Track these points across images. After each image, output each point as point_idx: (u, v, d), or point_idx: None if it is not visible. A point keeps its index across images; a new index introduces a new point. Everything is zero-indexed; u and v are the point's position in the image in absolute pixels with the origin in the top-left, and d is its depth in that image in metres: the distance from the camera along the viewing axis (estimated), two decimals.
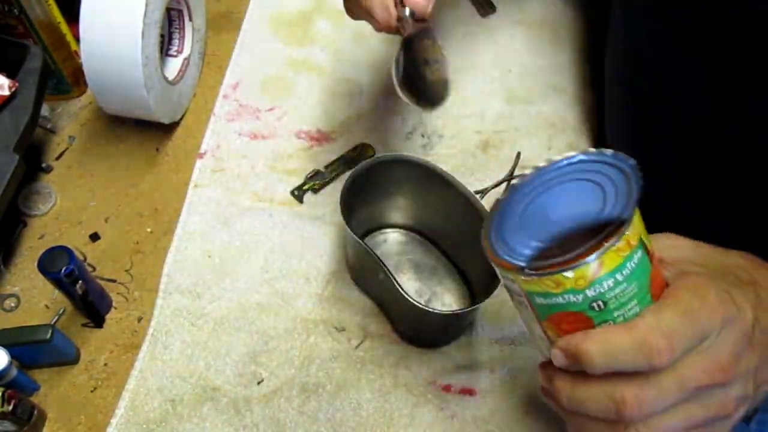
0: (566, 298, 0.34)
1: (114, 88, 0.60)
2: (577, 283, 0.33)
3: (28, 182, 0.64)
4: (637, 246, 0.33)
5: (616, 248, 0.33)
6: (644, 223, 0.35)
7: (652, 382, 0.33)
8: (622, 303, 0.34)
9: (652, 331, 0.33)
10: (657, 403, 0.34)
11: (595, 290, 0.33)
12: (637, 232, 0.33)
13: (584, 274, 0.33)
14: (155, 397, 0.53)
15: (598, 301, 0.34)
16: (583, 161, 0.32)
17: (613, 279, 0.33)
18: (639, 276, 0.34)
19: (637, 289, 0.34)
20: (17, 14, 0.61)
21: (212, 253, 0.61)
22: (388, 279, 0.50)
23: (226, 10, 0.79)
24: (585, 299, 0.34)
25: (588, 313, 0.34)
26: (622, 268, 0.33)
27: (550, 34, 0.77)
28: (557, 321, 0.35)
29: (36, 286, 0.59)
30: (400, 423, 0.53)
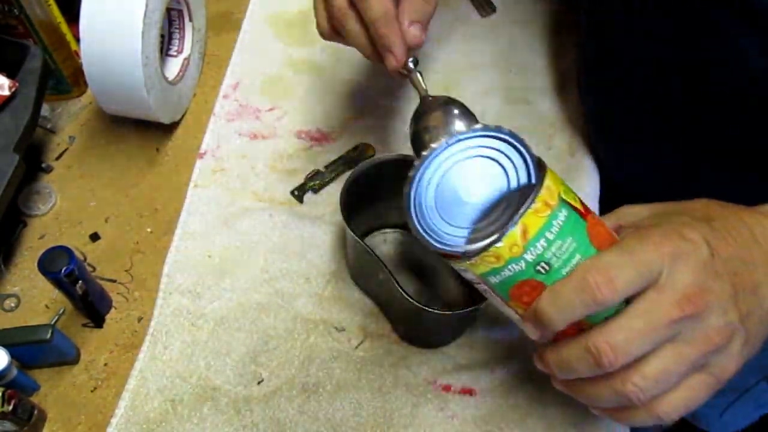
0: (512, 269, 0.36)
1: (114, 88, 0.60)
2: (512, 251, 0.36)
3: (28, 182, 0.64)
4: (558, 205, 0.36)
5: (533, 210, 0.35)
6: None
7: (619, 325, 0.35)
8: (565, 260, 0.36)
9: (589, 270, 0.35)
10: (632, 346, 0.35)
11: (532, 253, 0.35)
12: (553, 193, 0.36)
13: (514, 240, 0.35)
14: (155, 397, 0.53)
15: (541, 263, 0.36)
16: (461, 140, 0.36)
17: (544, 239, 0.35)
18: (571, 231, 0.36)
19: (576, 243, 0.36)
20: (17, 14, 0.61)
21: (212, 253, 0.61)
22: (388, 279, 0.50)
23: (226, 10, 0.79)
24: (528, 264, 0.36)
25: (538, 278, 0.36)
26: (549, 227, 0.35)
27: (551, 34, 0.77)
28: (518, 296, 0.38)
29: (36, 286, 0.59)
30: (400, 423, 0.53)
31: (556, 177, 0.38)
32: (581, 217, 0.37)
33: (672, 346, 0.35)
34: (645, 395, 0.35)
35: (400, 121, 0.70)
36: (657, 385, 0.35)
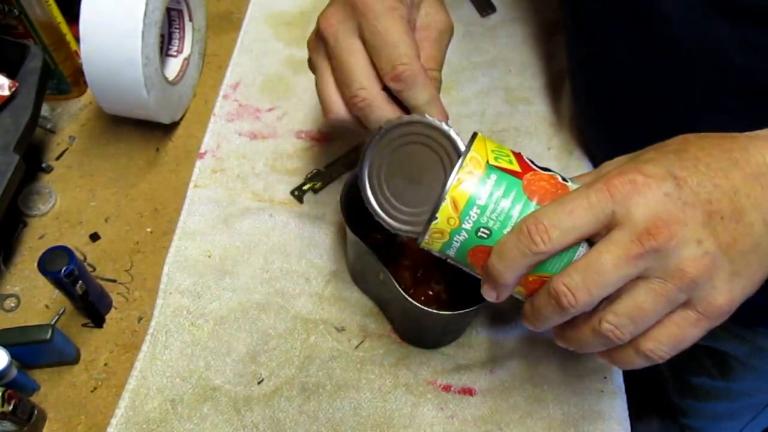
0: (458, 240, 0.39)
1: (114, 88, 0.60)
2: (450, 224, 0.38)
3: (28, 182, 0.64)
4: (485, 172, 0.38)
5: (457, 182, 0.37)
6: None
7: (575, 267, 0.35)
8: (503, 221, 0.37)
9: (525, 221, 0.36)
10: (591, 285, 0.35)
11: (468, 222, 0.38)
12: (479, 162, 0.38)
13: (448, 213, 0.38)
14: (155, 397, 0.53)
15: (480, 229, 0.38)
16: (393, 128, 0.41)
17: (476, 206, 0.37)
18: (505, 194, 0.37)
19: (511, 203, 0.37)
20: (17, 14, 0.61)
21: (212, 253, 0.61)
22: (389, 279, 0.50)
23: (226, 10, 0.79)
24: (469, 233, 0.38)
25: (484, 243, 0.38)
26: (478, 195, 0.37)
27: (550, 33, 0.77)
28: (476, 262, 0.40)
29: (36, 286, 0.59)
30: (400, 423, 0.53)
31: (487, 146, 0.39)
32: (515, 177, 0.38)
33: (644, 282, 0.35)
34: (623, 332, 0.35)
35: None
36: (633, 323, 0.35)
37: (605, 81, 0.59)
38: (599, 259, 0.34)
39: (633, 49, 0.53)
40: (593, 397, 0.54)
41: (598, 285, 0.35)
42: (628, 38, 0.53)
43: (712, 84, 0.49)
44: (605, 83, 0.59)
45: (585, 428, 0.53)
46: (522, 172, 0.38)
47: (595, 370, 0.55)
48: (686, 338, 0.36)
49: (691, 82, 0.50)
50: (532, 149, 0.68)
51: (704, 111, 0.51)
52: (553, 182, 0.38)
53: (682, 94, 0.51)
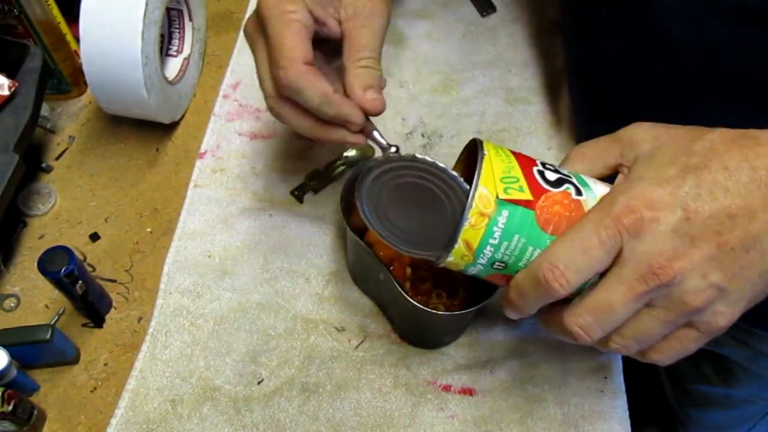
0: (473, 270, 0.39)
1: (114, 88, 0.60)
2: (464, 260, 0.38)
3: (28, 182, 0.64)
4: (495, 210, 0.37)
5: (469, 225, 0.37)
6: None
7: (584, 306, 0.36)
8: (519, 255, 0.37)
9: (540, 265, 0.36)
10: (602, 324, 0.36)
11: (484, 258, 0.38)
12: (489, 201, 0.37)
13: (461, 252, 0.38)
14: (155, 397, 0.53)
15: (495, 263, 0.38)
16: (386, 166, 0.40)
17: (489, 245, 0.37)
18: (517, 229, 0.37)
19: (525, 238, 0.37)
20: (17, 14, 0.61)
21: (212, 253, 0.61)
22: (389, 279, 0.50)
23: (226, 10, 0.78)
24: (485, 266, 0.39)
25: (501, 272, 0.39)
26: (491, 234, 0.37)
27: (550, 33, 0.77)
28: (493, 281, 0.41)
29: (36, 286, 0.59)
30: (400, 423, 0.53)
31: (494, 172, 0.37)
32: (528, 207, 0.37)
33: (648, 309, 0.36)
34: (629, 350, 0.38)
35: (400, 121, 0.70)
36: (638, 343, 0.37)
37: (603, 82, 0.59)
38: (609, 298, 0.36)
39: (631, 51, 0.53)
40: (593, 397, 0.54)
41: (609, 322, 0.36)
42: (625, 40, 0.53)
43: (711, 86, 0.49)
44: (603, 84, 0.59)
45: (585, 428, 0.53)
46: (534, 200, 0.37)
47: (595, 370, 0.55)
48: (687, 351, 0.38)
49: (689, 83, 0.50)
50: (533, 149, 0.68)
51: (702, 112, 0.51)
52: (566, 204, 0.37)
53: (680, 95, 0.51)
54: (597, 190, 0.39)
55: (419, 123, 0.69)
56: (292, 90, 0.44)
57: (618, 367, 0.56)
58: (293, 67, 0.43)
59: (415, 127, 0.69)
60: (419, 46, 0.75)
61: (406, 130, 0.69)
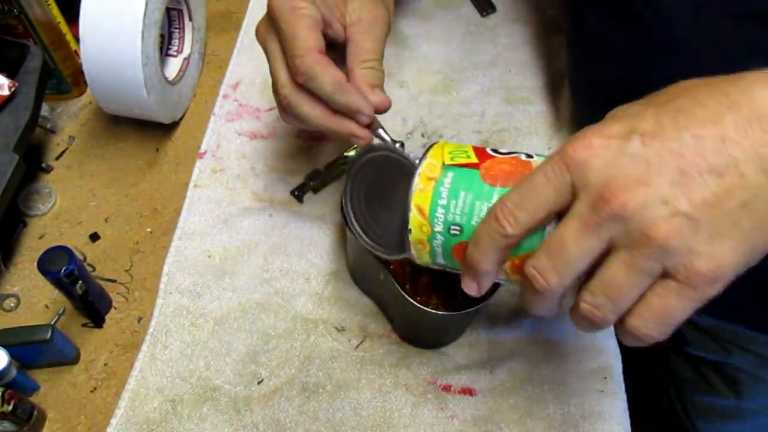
0: (437, 244, 0.40)
1: (114, 88, 0.60)
2: (423, 230, 0.39)
3: (28, 182, 0.64)
4: (441, 174, 0.38)
5: (418, 190, 0.39)
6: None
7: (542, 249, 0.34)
8: (469, 213, 0.38)
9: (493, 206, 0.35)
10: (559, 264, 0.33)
11: (438, 224, 0.39)
12: (435, 166, 0.39)
13: (417, 221, 0.39)
14: (155, 397, 0.53)
15: (452, 227, 0.38)
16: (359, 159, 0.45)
17: (439, 207, 0.38)
18: (462, 186, 0.38)
19: (473, 194, 0.37)
20: (17, 14, 0.61)
21: (212, 253, 0.61)
22: (389, 279, 0.50)
23: (226, 10, 0.78)
24: (443, 234, 0.39)
25: (460, 239, 0.39)
26: (438, 195, 0.38)
27: (550, 33, 0.77)
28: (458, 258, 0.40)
29: (36, 286, 0.59)
30: (400, 423, 0.53)
31: (444, 149, 0.40)
32: (472, 168, 0.38)
33: (613, 254, 0.32)
34: (603, 312, 0.33)
35: (400, 121, 0.70)
36: (610, 300, 0.33)
37: (604, 83, 0.59)
38: (561, 235, 0.33)
39: (633, 52, 0.53)
40: (593, 397, 0.54)
41: (565, 263, 0.33)
42: (628, 41, 0.53)
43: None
44: (604, 86, 0.59)
45: (585, 428, 0.53)
46: (479, 162, 0.38)
47: (595, 370, 0.55)
48: (671, 311, 0.32)
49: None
50: (533, 149, 0.68)
51: None
52: (514, 162, 0.38)
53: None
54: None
55: (419, 123, 0.69)
56: (308, 77, 0.45)
57: (618, 368, 0.56)
58: (309, 55, 0.45)
59: (415, 127, 0.69)
60: (419, 46, 0.75)
61: (406, 130, 0.69)
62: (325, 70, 0.45)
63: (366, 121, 0.48)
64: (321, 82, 0.45)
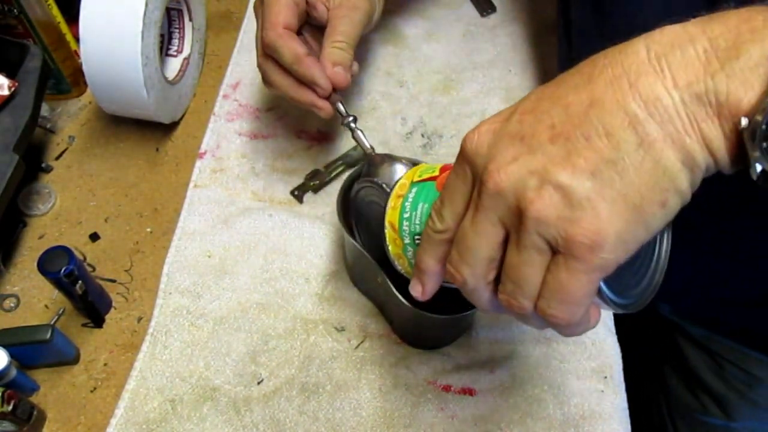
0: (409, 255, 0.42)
1: (114, 88, 0.60)
2: (397, 244, 0.42)
3: (28, 182, 0.64)
4: (408, 190, 0.41)
5: (390, 208, 0.42)
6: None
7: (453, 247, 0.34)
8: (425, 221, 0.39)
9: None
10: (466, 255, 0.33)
11: (406, 236, 0.41)
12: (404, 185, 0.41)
13: (391, 236, 0.42)
14: (155, 397, 0.53)
15: (415, 237, 0.40)
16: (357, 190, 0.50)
17: (405, 220, 0.41)
18: (421, 197, 0.40)
19: (428, 204, 0.39)
20: (17, 14, 0.61)
21: (212, 253, 0.60)
22: (387, 281, 0.50)
23: (226, 10, 0.79)
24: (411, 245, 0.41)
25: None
26: (404, 210, 0.41)
27: (550, 33, 0.77)
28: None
29: (36, 286, 0.59)
30: (400, 423, 0.53)
31: (419, 169, 0.42)
32: (432, 180, 0.40)
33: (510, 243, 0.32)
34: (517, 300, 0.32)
35: (400, 121, 0.70)
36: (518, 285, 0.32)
37: None
38: (463, 226, 0.33)
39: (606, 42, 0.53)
40: (593, 397, 0.54)
41: (469, 253, 0.33)
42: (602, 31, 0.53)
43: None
44: None
45: (585, 428, 0.53)
46: (439, 174, 0.40)
47: (595, 370, 0.55)
48: (566, 287, 0.30)
49: None
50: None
51: None
52: None
53: None
54: None
55: (419, 123, 0.69)
56: (271, 48, 0.53)
57: (618, 367, 0.56)
58: (273, 29, 0.52)
59: (415, 127, 0.69)
60: (419, 46, 0.75)
61: (406, 130, 0.69)
62: (285, 44, 0.52)
63: (323, 94, 0.54)
64: (281, 53, 0.52)
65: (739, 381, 0.69)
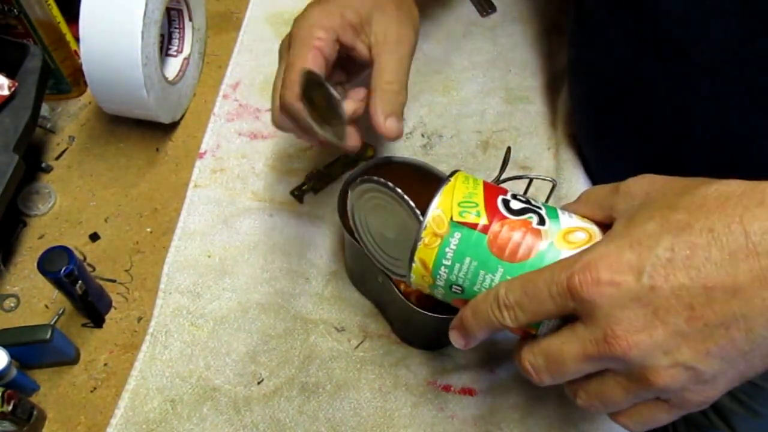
0: (438, 293, 0.40)
1: (114, 88, 0.60)
2: (425, 280, 0.39)
3: (28, 182, 0.64)
4: (448, 231, 0.37)
5: (423, 245, 0.37)
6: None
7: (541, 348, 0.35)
8: (472, 279, 0.37)
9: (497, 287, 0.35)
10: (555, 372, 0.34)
11: (441, 280, 0.38)
12: (443, 221, 0.37)
13: (420, 272, 0.38)
14: (155, 397, 0.53)
15: (453, 286, 0.38)
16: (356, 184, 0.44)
17: (443, 266, 0.37)
18: (468, 252, 0.37)
19: (477, 262, 0.36)
20: (17, 14, 0.61)
21: (212, 253, 0.61)
22: (388, 282, 0.50)
23: (226, 10, 0.78)
24: (444, 288, 0.39)
25: (459, 297, 0.39)
26: (444, 255, 0.37)
27: (550, 33, 0.77)
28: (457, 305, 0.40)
29: (36, 286, 0.59)
30: (400, 423, 0.53)
31: (455, 196, 0.38)
32: (481, 231, 0.36)
33: (613, 374, 0.33)
34: (597, 409, 0.35)
35: None
36: (604, 405, 0.35)
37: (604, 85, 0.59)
38: (560, 348, 0.34)
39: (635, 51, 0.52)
40: None
41: (559, 373, 0.34)
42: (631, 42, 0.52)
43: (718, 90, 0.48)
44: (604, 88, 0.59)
45: (585, 428, 0.53)
46: (488, 225, 0.36)
47: None
48: (658, 420, 0.34)
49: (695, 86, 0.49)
50: (533, 149, 0.68)
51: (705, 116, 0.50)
52: (523, 231, 0.36)
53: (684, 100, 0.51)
54: (564, 223, 0.37)
55: (419, 123, 0.69)
56: (288, 110, 0.47)
57: None
58: (293, 89, 0.45)
59: (415, 127, 0.69)
60: (419, 46, 0.75)
61: (407, 130, 0.69)
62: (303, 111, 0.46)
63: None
64: (299, 119, 0.46)
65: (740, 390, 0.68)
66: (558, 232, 0.36)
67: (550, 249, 0.36)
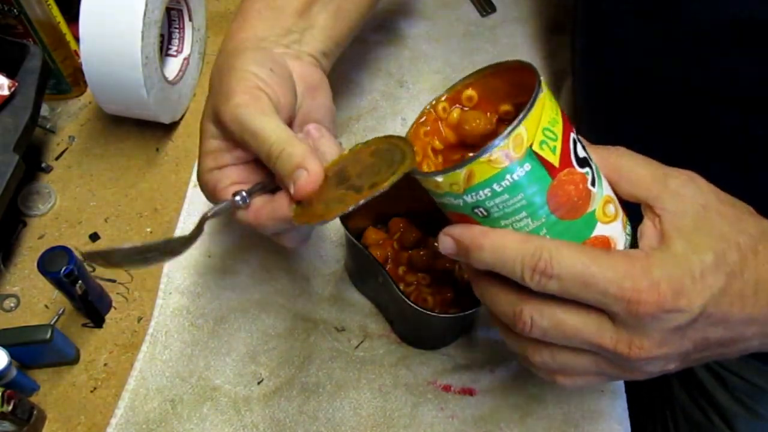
0: (449, 200, 0.34)
1: (114, 88, 0.60)
2: (452, 188, 0.33)
3: (28, 182, 0.64)
4: (521, 159, 0.32)
5: (486, 160, 0.32)
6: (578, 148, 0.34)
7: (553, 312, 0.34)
8: (508, 213, 0.33)
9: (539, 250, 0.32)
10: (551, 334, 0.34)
11: (472, 197, 0.33)
12: (521, 145, 0.32)
13: (455, 180, 0.33)
14: (155, 397, 0.53)
15: (480, 208, 0.34)
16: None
17: (490, 189, 0.32)
18: (526, 188, 0.32)
19: (527, 202, 0.33)
20: (17, 14, 0.61)
21: (212, 253, 0.60)
22: (388, 282, 0.50)
23: (226, 10, 0.78)
24: (465, 204, 0.34)
25: (474, 218, 0.34)
26: (500, 179, 0.32)
27: (550, 33, 0.77)
28: (454, 219, 0.36)
29: (36, 286, 0.59)
30: (400, 423, 0.53)
31: (542, 119, 0.33)
32: (549, 172, 0.33)
33: (595, 357, 0.35)
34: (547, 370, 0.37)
35: (400, 121, 0.69)
36: (561, 371, 0.37)
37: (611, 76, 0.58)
38: (575, 324, 0.34)
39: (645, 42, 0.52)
40: (593, 397, 0.54)
41: (557, 338, 0.34)
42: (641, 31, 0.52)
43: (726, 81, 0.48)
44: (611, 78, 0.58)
45: (585, 428, 0.53)
46: (559, 168, 0.33)
47: None
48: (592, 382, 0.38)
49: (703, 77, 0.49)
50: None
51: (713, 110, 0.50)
52: (580, 189, 0.33)
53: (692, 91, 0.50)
54: (605, 190, 0.35)
55: None
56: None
57: None
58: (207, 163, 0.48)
59: None
60: (419, 46, 0.75)
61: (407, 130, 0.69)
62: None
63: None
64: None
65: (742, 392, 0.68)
66: (601, 199, 0.34)
67: (591, 218, 0.34)
